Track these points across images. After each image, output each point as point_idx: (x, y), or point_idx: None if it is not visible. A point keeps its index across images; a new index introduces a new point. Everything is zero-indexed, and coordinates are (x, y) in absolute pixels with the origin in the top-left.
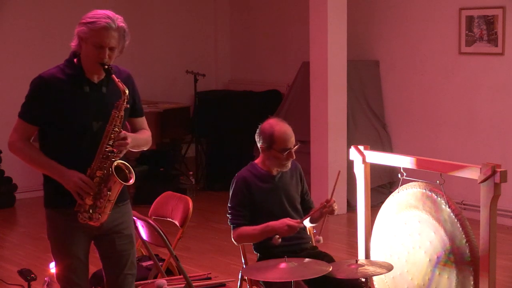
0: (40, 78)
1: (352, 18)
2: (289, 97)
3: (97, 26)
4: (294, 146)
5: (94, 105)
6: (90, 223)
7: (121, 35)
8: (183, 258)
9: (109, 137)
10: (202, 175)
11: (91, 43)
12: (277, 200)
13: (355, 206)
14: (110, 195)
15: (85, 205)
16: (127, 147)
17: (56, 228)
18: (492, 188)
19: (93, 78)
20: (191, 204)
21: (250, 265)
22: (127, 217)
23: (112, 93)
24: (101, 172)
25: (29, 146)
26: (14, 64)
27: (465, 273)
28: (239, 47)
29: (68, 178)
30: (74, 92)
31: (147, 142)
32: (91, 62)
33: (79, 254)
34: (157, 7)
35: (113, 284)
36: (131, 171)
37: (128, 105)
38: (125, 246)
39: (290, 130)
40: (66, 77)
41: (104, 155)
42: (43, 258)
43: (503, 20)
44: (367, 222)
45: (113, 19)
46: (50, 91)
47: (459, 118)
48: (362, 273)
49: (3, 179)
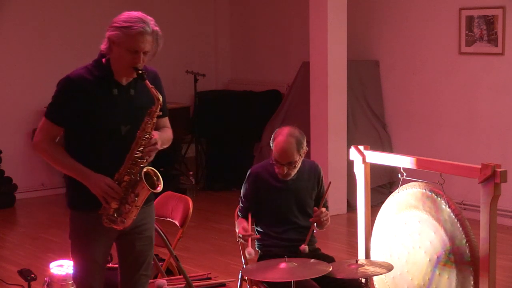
0: (68, 79)
1: (352, 18)
2: (289, 97)
3: (132, 31)
4: (286, 164)
5: (122, 108)
6: (114, 226)
7: (154, 39)
8: (183, 258)
9: (139, 143)
10: (202, 175)
11: (125, 47)
12: (284, 201)
13: (355, 206)
14: (137, 201)
15: (110, 209)
16: (156, 151)
17: (78, 229)
18: (492, 188)
19: (121, 80)
20: (191, 204)
21: (250, 265)
22: (150, 219)
23: (140, 95)
24: (129, 177)
25: (54, 147)
26: (14, 64)
27: (465, 273)
28: (239, 47)
29: (94, 182)
30: (102, 95)
31: (169, 140)
32: (124, 66)
33: (98, 258)
34: (157, 7)
35: (127, 283)
36: (159, 178)
37: (161, 112)
38: (144, 247)
39: (287, 146)
40: (94, 78)
41: (134, 161)
42: (43, 258)
43: (503, 20)
44: (367, 222)
45: (147, 22)
46: (78, 92)
47: (459, 118)
48: (362, 273)
49: (3, 179)
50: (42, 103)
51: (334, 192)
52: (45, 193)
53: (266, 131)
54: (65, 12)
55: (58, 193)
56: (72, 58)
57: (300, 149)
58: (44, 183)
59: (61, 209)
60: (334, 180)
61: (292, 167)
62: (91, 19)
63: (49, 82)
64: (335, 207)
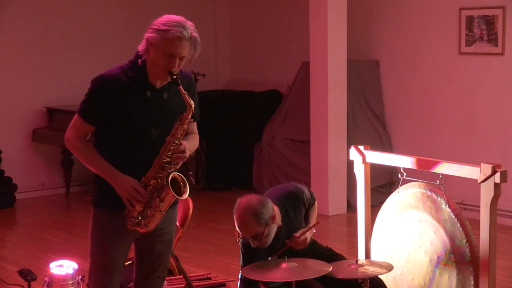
0: (102, 78)
1: (352, 18)
2: (289, 97)
3: (170, 35)
4: (248, 239)
5: (155, 111)
6: (137, 229)
7: (192, 45)
8: (183, 258)
9: (168, 148)
10: (202, 175)
11: (162, 51)
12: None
13: (355, 206)
14: (162, 206)
15: (135, 211)
16: (184, 160)
17: (100, 228)
18: (492, 188)
19: (155, 83)
20: (191, 204)
21: (250, 265)
22: (171, 222)
23: (173, 99)
24: (155, 182)
25: (85, 145)
26: (14, 64)
27: (465, 273)
28: (239, 47)
29: (120, 184)
30: (136, 96)
31: (195, 148)
32: (159, 69)
33: (117, 260)
34: (157, 7)
35: (142, 283)
36: (186, 184)
37: (192, 119)
38: (163, 250)
39: (244, 224)
40: (128, 79)
41: (161, 166)
42: (43, 258)
43: (503, 20)
44: (367, 222)
45: (186, 28)
46: (111, 92)
47: (459, 118)
48: (362, 273)
49: (3, 179)
50: (42, 103)
51: (334, 192)
52: (45, 193)
53: (266, 131)
54: (66, 12)
55: (58, 193)
56: (73, 58)
57: (261, 221)
58: (44, 183)
59: (61, 209)
60: (334, 180)
61: (261, 238)
62: (92, 19)
63: (49, 82)
64: (335, 207)
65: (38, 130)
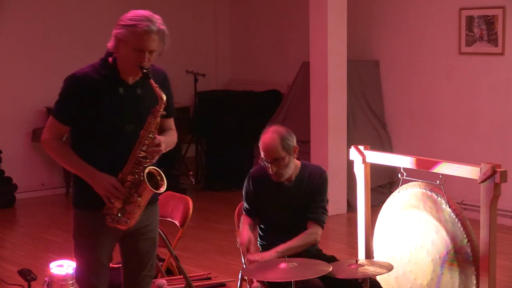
0: (73, 77)
1: (352, 18)
2: (289, 97)
3: (138, 30)
4: (273, 161)
5: (128, 107)
6: (118, 226)
7: (161, 38)
8: (183, 258)
9: (143, 143)
10: (202, 175)
11: (131, 46)
12: (279, 203)
13: (355, 206)
14: (140, 201)
15: (114, 208)
16: (160, 153)
17: (82, 228)
18: (492, 188)
19: (127, 79)
20: (191, 204)
21: (250, 265)
22: (154, 220)
23: (147, 95)
24: (133, 177)
25: (62, 146)
26: (14, 64)
27: (467, 272)
28: (239, 47)
29: (98, 181)
30: (108, 93)
31: (174, 144)
32: (130, 65)
33: (102, 257)
34: (157, 7)
35: (131, 284)
36: (163, 178)
37: (165, 112)
38: (147, 249)
39: (270, 142)
40: (100, 77)
41: (137, 161)
42: (43, 258)
43: (503, 20)
44: (367, 222)
45: (153, 21)
46: (83, 91)
47: (459, 118)
48: (362, 273)
49: (3, 179)
50: (42, 103)
51: (334, 192)
52: (45, 193)
53: None
54: (66, 12)
55: (58, 193)
56: (73, 58)
57: (285, 145)
58: (44, 183)
59: (61, 209)
60: (334, 180)
61: (281, 165)
62: (92, 19)
63: (49, 82)
64: (335, 207)
65: (38, 130)
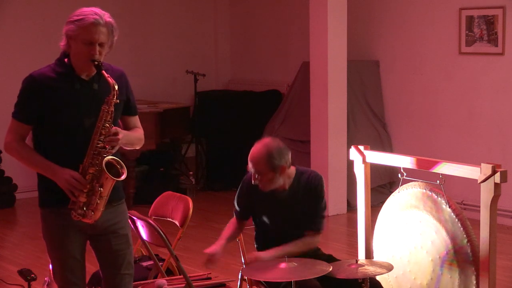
0: (31, 77)
1: (352, 18)
2: (289, 97)
3: (85, 22)
4: (255, 172)
5: (85, 101)
6: (83, 220)
7: (109, 30)
8: (183, 258)
9: (99, 133)
10: (202, 175)
11: (80, 40)
12: (272, 211)
13: (355, 206)
14: (102, 192)
15: (79, 202)
16: (118, 143)
17: (50, 227)
18: (492, 188)
19: (83, 75)
20: (191, 204)
21: (250, 265)
22: (123, 217)
23: (104, 90)
24: (94, 169)
25: (23, 146)
26: (14, 64)
27: (467, 272)
28: (239, 47)
29: (60, 176)
30: (65, 89)
31: (140, 140)
32: (82, 60)
33: (75, 253)
34: (157, 7)
35: (111, 285)
36: (122, 166)
37: (118, 100)
38: (121, 246)
39: (256, 155)
40: (56, 75)
41: (96, 151)
42: (43, 258)
43: (503, 20)
44: (367, 222)
45: (100, 15)
46: (41, 89)
47: (459, 118)
48: (362, 273)
49: (3, 179)
50: None
51: (334, 192)
52: None
53: (266, 131)
54: (66, 11)
55: None
56: None
57: (270, 163)
58: None
59: None
60: (334, 180)
61: (262, 180)
62: None
63: None
64: (335, 207)
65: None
